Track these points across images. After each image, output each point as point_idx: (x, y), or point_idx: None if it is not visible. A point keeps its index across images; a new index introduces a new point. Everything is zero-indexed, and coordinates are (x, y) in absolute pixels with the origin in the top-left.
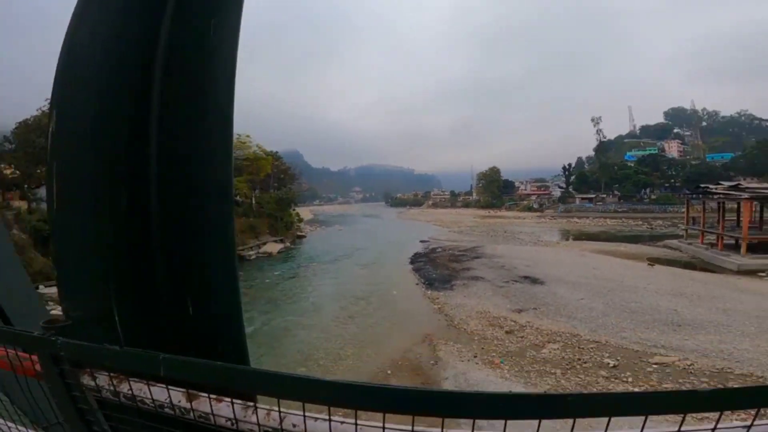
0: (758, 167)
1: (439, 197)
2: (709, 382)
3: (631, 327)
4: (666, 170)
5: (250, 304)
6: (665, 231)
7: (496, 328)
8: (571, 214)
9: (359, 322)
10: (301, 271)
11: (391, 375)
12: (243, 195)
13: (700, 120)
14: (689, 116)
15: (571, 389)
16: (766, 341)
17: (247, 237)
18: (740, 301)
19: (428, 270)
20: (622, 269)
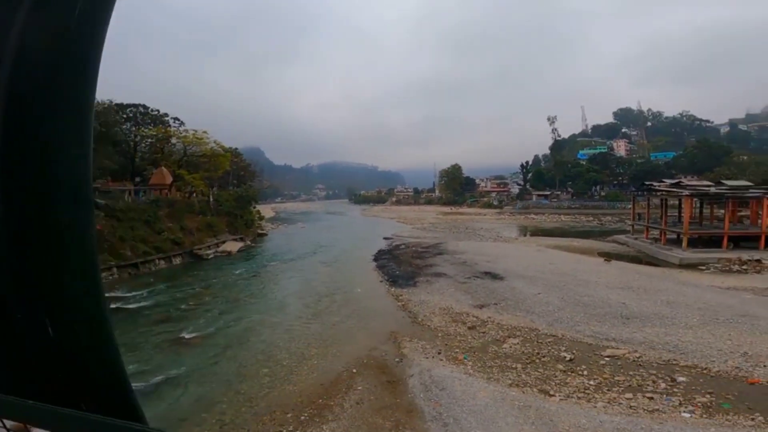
0: (698, 165)
1: (402, 194)
2: (657, 374)
3: (585, 320)
4: (614, 168)
5: (210, 305)
6: (614, 226)
7: (458, 324)
8: (529, 211)
9: (323, 321)
10: (263, 270)
11: (356, 374)
12: (200, 192)
13: (645, 120)
14: (636, 116)
15: (531, 383)
16: (707, 333)
17: (205, 236)
18: (683, 294)
19: (392, 267)
20: (575, 263)
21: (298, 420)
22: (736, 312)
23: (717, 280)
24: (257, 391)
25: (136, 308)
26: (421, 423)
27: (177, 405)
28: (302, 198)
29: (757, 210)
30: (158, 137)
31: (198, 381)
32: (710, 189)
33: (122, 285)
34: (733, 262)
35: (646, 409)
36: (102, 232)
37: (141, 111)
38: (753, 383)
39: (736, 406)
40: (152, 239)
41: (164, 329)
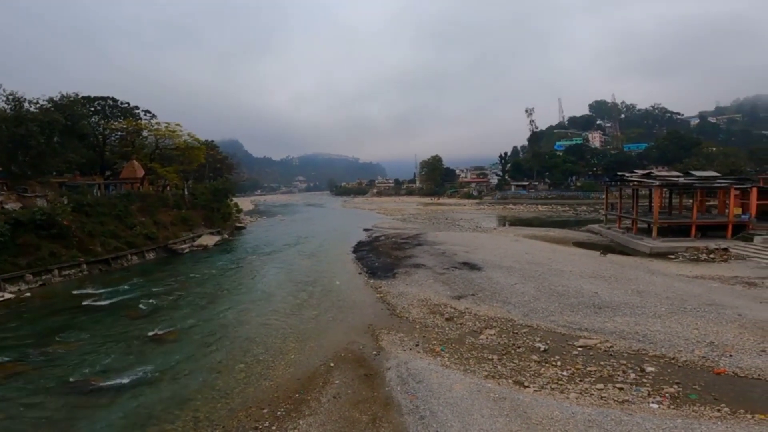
0: (668, 156)
1: (383, 185)
2: (627, 364)
3: (559, 310)
4: (589, 159)
5: (185, 300)
6: (588, 216)
7: (436, 315)
8: (507, 201)
9: (301, 315)
10: (240, 264)
11: (334, 368)
12: (173, 186)
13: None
14: (610, 109)
15: (507, 375)
16: (675, 322)
17: (179, 230)
18: (652, 283)
19: (371, 259)
20: (551, 253)
21: (275, 415)
22: (702, 301)
23: (685, 269)
24: (233, 387)
25: (107, 305)
26: (397, 416)
27: (149, 403)
28: (282, 190)
29: (724, 200)
30: (128, 130)
31: (171, 378)
32: (679, 179)
33: (92, 282)
34: (701, 251)
35: (616, 400)
36: (69, 227)
37: (110, 104)
38: (719, 373)
39: (702, 397)
40: (124, 234)
41: (137, 326)
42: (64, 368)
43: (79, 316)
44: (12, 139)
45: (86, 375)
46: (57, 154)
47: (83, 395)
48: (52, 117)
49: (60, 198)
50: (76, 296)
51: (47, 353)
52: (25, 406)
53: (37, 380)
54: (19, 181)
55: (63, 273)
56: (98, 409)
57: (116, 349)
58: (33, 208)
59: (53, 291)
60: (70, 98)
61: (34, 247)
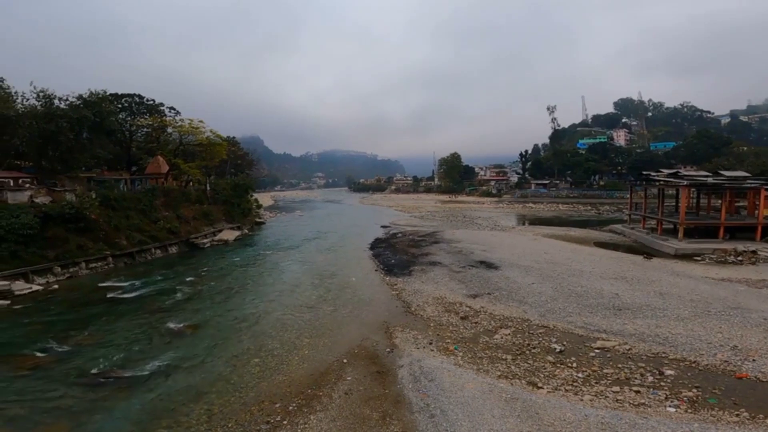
0: (697, 156)
1: (401, 182)
2: (645, 367)
3: (577, 311)
4: (614, 158)
5: (204, 294)
6: (611, 216)
7: (451, 313)
8: (527, 200)
9: (317, 310)
10: (259, 259)
11: (347, 364)
12: (196, 181)
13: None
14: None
15: (520, 375)
16: (698, 325)
17: (201, 224)
18: (676, 285)
19: (387, 255)
20: (570, 253)
21: (287, 410)
22: (728, 304)
23: (711, 272)
24: (247, 381)
25: (130, 298)
26: (408, 414)
27: (166, 395)
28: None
29: (754, 201)
30: (154, 126)
31: (188, 371)
32: (707, 179)
33: (117, 274)
34: (729, 253)
35: (632, 403)
36: (97, 221)
37: (136, 101)
38: (741, 378)
39: (722, 401)
40: (148, 228)
41: (158, 319)
42: (86, 360)
43: (103, 308)
44: (42, 135)
45: (107, 367)
46: (85, 149)
47: (103, 387)
48: (81, 114)
49: (88, 192)
50: (101, 289)
51: (70, 345)
52: (45, 397)
53: (59, 372)
54: (49, 176)
55: (90, 266)
56: (116, 400)
57: (137, 342)
58: (62, 202)
59: (80, 283)
60: (98, 95)
61: (63, 240)
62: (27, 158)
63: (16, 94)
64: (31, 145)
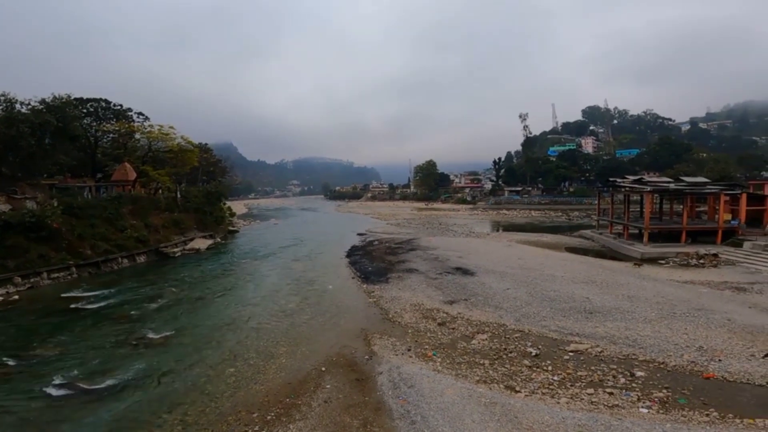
0: (660, 162)
1: (377, 190)
2: (617, 369)
3: (551, 315)
4: (582, 165)
5: (176, 304)
6: (581, 222)
7: (429, 320)
8: (501, 206)
9: (293, 319)
10: (232, 268)
11: (325, 372)
12: (166, 189)
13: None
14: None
15: (498, 379)
16: (665, 327)
17: (171, 233)
18: (643, 288)
19: (364, 263)
20: (543, 258)
21: (264, 420)
22: (692, 306)
23: (675, 275)
24: (223, 390)
25: (95, 308)
26: (388, 421)
27: (137, 405)
28: (276, 194)
29: (714, 206)
30: (121, 132)
31: (161, 381)
32: (670, 185)
33: (81, 285)
34: (691, 256)
35: (606, 405)
36: (59, 230)
37: (102, 105)
38: (708, 378)
39: (691, 402)
40: (114, 237)
41: (126, 329)
42: (50, 371)
43: (67, 319)
44: (2, 141)
45: (72, 378)
46: (48, 155)
47: (68, 399)
48: (44, 118)
49: (50, 200)
50: (64, 299)
51: (33, 356)
52: (8, 410)
53: (21, 384)
54: (8, 183)
55: (52, 276)
56: (84, 412)
57: (103, 353)
58: (22, 210)
59: (42, 294)
60: (62, 99)
61: (23, 249)
62: None
63: None
64: None
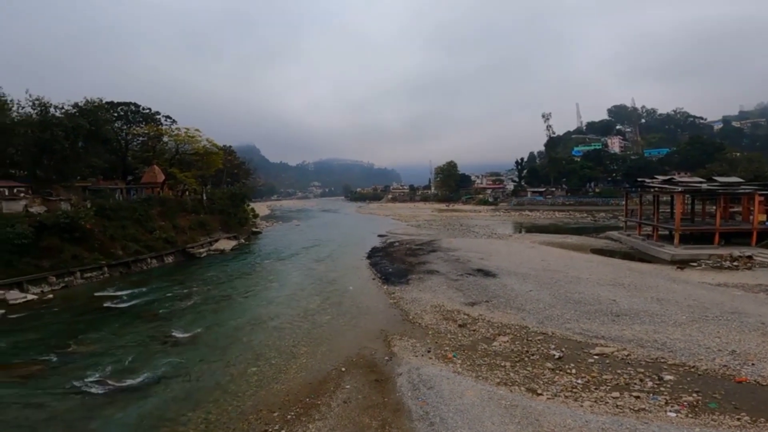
0: (691, 162)
1: (398, 191)
2: (644, 372)
3: (575, 318)
4: (608, 165)
5: (201, 303)
6: (607, 223)
7: (449, 321)
8: (523, 207)
9: (314, 319)
10: (255, 268)
11: (345, 372)
12: (192, 191)
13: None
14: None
15: (519, 382)
16: (696, 330)
17: (197, 234)
18: (673, 290)
19: (385, 264)
20: (568, 260)
21: (285, 419)
22: (725, 309)
23: (707, 277)
24: (245, 390)
25: (126, 307)
26: (407, 422)
27: (163, 403)
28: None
29: (748, 206)
30: (149, 135)
31: (185, 380)
32: (702, 185)
33: (113, 284)
34: (724, 258)
35: (632, 409)
36: (92, 231)
37: (132, 109)
38: (740, 382)
39: (722, 406)
40: (144, 238)
41: (154, 328)
42: (82, 369)
43: (99, 317)
44: (37, 144)
45: (103, 376)
46: (81, 158)
47: (99, 396)
48: (77, 122)
49: (83, 202)
50: (97, 298)
51: (66, 354)
52: (41, 406)
53: (55, 380)
54: (44, 185)
55: (85, 275)
56: (113, 409)
57: (133, 351)
58: (57, 212)
59: (75, 293)
60: (94, 103)
61: (58, 249)
62: (22, 167)
63: (11, 102)
64: (26, 154)
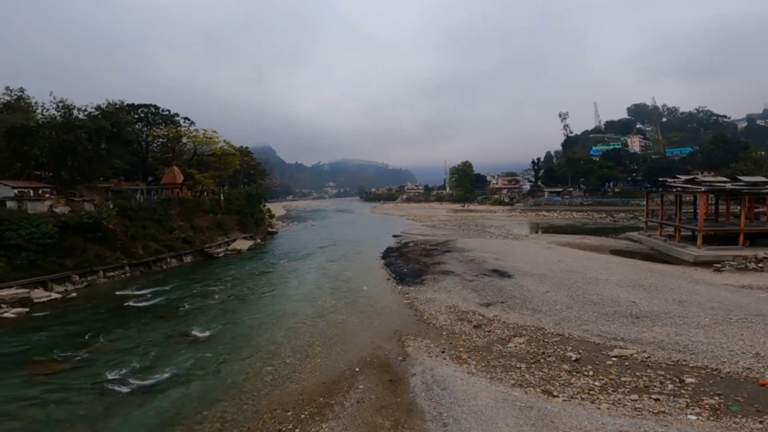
0: (714, 161)
1: (413, 191)
2: (665, 375)
3: (593, 319)
4: (628, 164)
5: (218, 303)
6: (627, 223)
7: (464, 322)
8: (540, 208)
9: (329, 319)
10: (271, 268)
11: (359, 372)
12: (210, 191)
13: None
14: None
15: (535, 383)
16: (719, 333)
17: (215, 234)
18: (695, 292)
19: (399, 265)
20: (585, 261)
21: (299, 418)
22: (749, 311)
23: (731, 279)
24: (260, 388)
25: (146, 306)
26: (420, 423)
27: (180, 402)
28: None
29: None
30: (169, 137)
31: (202, 378)
32: (726, 185)
33: (134, 283)
34: (749, 259)
35: (651, 411)
36: (114, 230)
37: (152, 111)
38: (764, 385)
39: (744, 409)
40: (163, 238)
41: (172, 327)
42: (102, 367)
43: (120, 316)
44: (61, 146)
45: (123, 374)
46: (104, 160)
47: (118, 394)
48: (100, 124)
49: (106, 202)
50: (118, 297)
51: (87, 352)
52: (62, 403)
53: (76, 378)
54: (67, 186)
55: (107, 274)
56: (132, 407)
57: (153, 349)
58: (81, 212)
59: (98, 291)
60: (115, 106)
61: (81, 249)
62: (46, 168)
63: (36, 104)
64: (51, 156)
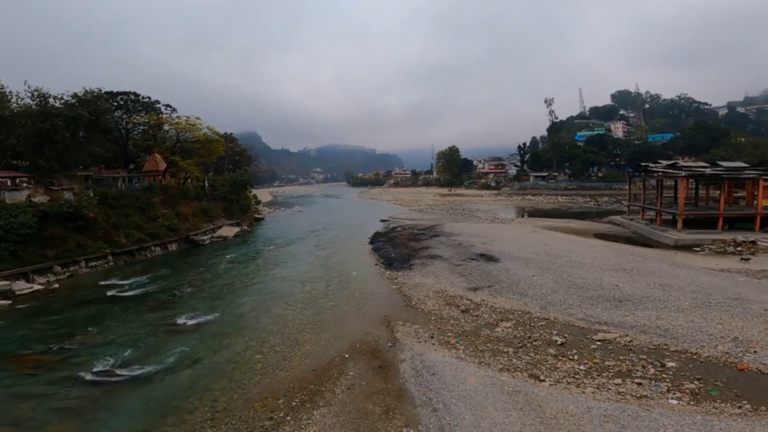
0: (695, 147)
1: (400, 176)
2: (647, 359)
3: (578, 303)
4: (612, 149)
5: (205, 291)
6: (610, 207)
7: (452, 307)
8: (526, 192)
9: (318, 306)
10: (258, 255)
11: (348, 359)
12: (194, 178)
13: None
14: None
15: (522, 368)
16: (699, 316)
17: (200, 221)
18: (676, 276)
19: (387, 249)
20: (570, 245)
21: (290, 406)
22: (728, 295)
23: (711, 262)
24: (250, 377)
25: (131, 296)
26: (410, 408)
27: (170, 392)
28: (300, 181)
29: (752, 191)
30: (150, 124)
31: (191, 368)
32: (706, 170)
33: (117, 273)
34: (728, 243)
35: (634, 395)
36: (95, 219)
37: (132, 99)
38: (742, 369)
39: (724, 393)
40: (147, 226)
41: (159, 316)
42: (89, 359)
43: (104, 306)
44: (38, 134)
45: (110, 365)
46: (82, 148)
47: (106, 385)
48: (77, 112)
49: (86, 191)
50: (102, 287)
51: (73, 344)
52: (49, 396)
53: (63, 370)
54: (46, 175)
55: (90, 264)
56: (121, 398)
57: (139, 340)
58: (60, 201)
59: (81, 282)
60: (93, 93)
61: (62, 239)
62: (24, 157)
63: (11, 93)
64: (28, 145)
